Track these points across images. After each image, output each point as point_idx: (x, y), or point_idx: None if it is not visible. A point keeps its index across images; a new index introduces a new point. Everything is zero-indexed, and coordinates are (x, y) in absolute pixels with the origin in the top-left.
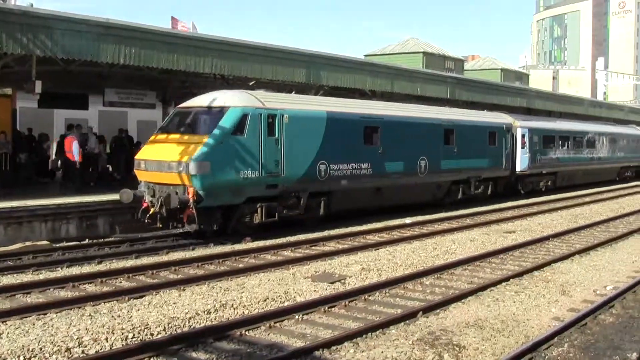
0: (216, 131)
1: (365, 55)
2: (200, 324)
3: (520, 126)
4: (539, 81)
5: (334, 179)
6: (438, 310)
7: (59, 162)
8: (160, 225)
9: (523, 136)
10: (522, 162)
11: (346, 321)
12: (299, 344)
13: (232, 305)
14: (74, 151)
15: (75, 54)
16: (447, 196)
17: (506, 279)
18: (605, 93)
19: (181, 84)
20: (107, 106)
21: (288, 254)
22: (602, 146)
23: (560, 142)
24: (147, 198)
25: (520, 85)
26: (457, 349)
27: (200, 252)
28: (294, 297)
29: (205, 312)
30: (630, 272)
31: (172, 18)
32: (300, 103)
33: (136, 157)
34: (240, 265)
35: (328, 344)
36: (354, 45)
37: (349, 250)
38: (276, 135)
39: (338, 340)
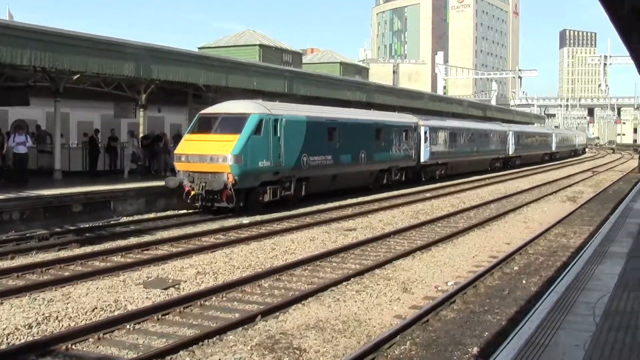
0: (244, 132)
1: (199, 48)
2: (20, 340)
3: (423, 124)
4: (380, 75)
5: (312, 168)
6: (277, 313)
7: None
8: (200, 204)
9: (425, 132)
10: (424, 154)
11: (181, 329)
12: (130, 355)
13: (57, 317)
14: None
15: None
16: (375, 182)
17: (347, 278)
18: (445, 87)
19: None
20: None
21: (118, 259)
22: (479, 141)
23: (450, 138)
24: (187, 183)
25: (360, 79)
26: (298, 352)
27: (20, 261)
28: (125, 305)
29: (26, 327)
30: (471, 267)
31: None
32: (291, 110)
33: (176, 152)
34: (66, 274)
35: (162, 354)
36: (187, 37)
37: (183, 253)
38: (278, 134)
39: (173, 349)
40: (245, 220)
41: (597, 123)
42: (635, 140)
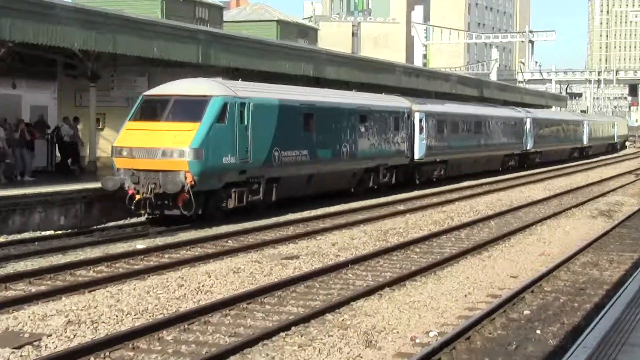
0: (205, 119)
1: None
2: None
3: (418, 110)
4: (333, 38)
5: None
6: None
7: None
8: (148, 212)
9: (421, 121)
10: (419, 149)
11: None
12: None
13: None
14: None
15: None
16: (359, 184)
17: (286, 327)
18: (425, 56)
19: None
20: None
21: None
22: (488, 132)
23: (451, 128)
24: (130, 185)
25: (306, 44)
26: None
27: None
28: None
29: None
30: (462, 311)
31: None
32: (259, 91)
33: (115, 144)
34: None
35: None
36: None
37: (49, 293)
38: (245, 123)
39: None
40: (140, 245)
41: None
42: None
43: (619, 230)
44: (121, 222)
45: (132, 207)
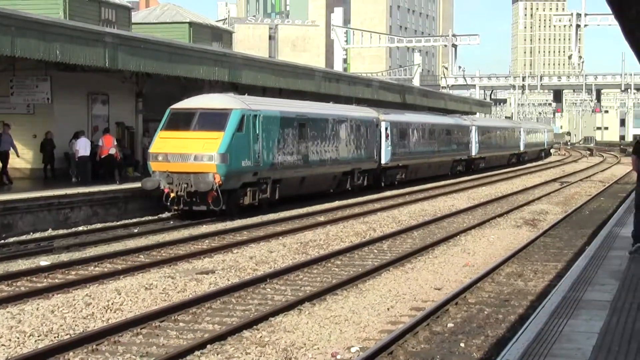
0: (228, 129)
1: None
2: None
3: (384, 119)
4: (250, 41)
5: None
6: None
7: None
8: (180, 207)
9: (386, 129)
10: (385, 154)
11: None
12: None
13: None
14: None
15: None
16: (338, 186)
17: (201, 346)
18: (346, 60)
19: None
20: None
21: None
22: (440, 139)
23: (410, 135)
24: (165, 185)
25: (220, 47)
26: None
27: None
28: None
29: None
30: (385, 324)
31: None
32: (266, 104)
33: (151, 151)
34: None
35: None
36: None
37: None
38: (257, 132)
39: None
40: (44, 261)
41: (568, 112)
42: (622, 137)
43: (543, 239)
44: (23, 237)
45: (168, 204)
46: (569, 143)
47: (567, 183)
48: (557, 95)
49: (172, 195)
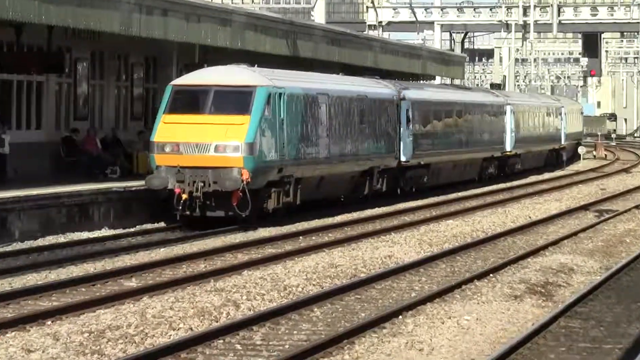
0: (254, 112)
1: None
2: None
3: (405, 98)
4: None
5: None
6: None
7: None
8: (193, 214)
9: (407, 111)
10: (405, 148)
11: None
12: None
13: None
14: None
15: None
16: (354, 191)
17: None
18: None
19: None
20: None
21: None
22: (468, 125)
23: (433, 121)
24: (174, 184)
25: None
26: None
27: None
28: None
29: None
30: None
31: None
32: (289, 79)
33: (155, 139)
34: None
35: None
36: None
37: None
38: (282, 116)
39: None
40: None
41: (611, 77)
42: None
43: (565, 322)
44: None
45: (179, 208)
46: (612, 135)
47: (609, 213)
48: (591, 45)
49: (184, 196)
